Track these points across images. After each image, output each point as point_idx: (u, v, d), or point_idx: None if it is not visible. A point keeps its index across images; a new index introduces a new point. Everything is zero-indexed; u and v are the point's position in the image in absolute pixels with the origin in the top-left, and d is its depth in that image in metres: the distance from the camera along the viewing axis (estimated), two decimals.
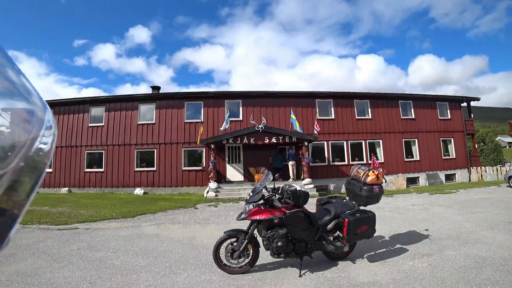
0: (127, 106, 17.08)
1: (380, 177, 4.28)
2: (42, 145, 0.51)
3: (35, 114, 0.51)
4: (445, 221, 6.80)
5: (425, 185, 17.84)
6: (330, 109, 18.09)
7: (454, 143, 19.71)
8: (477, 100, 20.82)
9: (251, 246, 3.86)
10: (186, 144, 16.61)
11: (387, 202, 10.24)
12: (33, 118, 0.51)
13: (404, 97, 19.47)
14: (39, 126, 0.51)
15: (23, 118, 0.50)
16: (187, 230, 6.66)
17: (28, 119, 0.50)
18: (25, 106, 0.50)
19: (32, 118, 0.51)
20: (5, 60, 0.48)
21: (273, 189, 4.08)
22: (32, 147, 0.49)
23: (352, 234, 3.88)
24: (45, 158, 0.52)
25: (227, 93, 17.68)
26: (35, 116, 0.51)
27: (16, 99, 0.49)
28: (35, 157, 0.50)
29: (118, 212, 8.97)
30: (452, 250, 4.63)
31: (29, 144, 0.48)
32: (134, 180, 16.19)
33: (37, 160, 0.50)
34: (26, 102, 0.50)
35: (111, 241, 5.70)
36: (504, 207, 8.50)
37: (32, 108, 0.51)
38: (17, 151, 0.46)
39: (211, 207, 10.32)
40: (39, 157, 0.51)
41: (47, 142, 0.53)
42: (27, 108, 0.50)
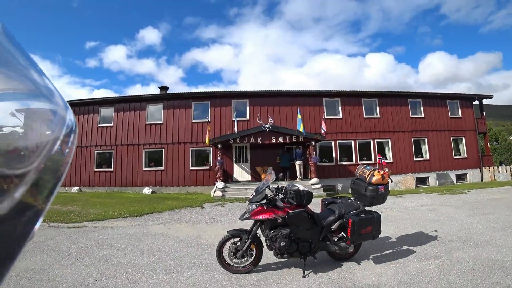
0: (135, 106, 17.30)
1: (386, 177, 4.21)
2: (64, 144, 0.54)
3: (57, 114, 0.53)
4: (455, 222, 6.66)
5: (435, 185, 17.51)
6: (338, 108, 17.94)
7: (466, 142, 19.28)
8: (490, 98, 20.32)
9: (254, 246, 3.85)
10: (194, 143, 16.73)
11: (395, 202, 10.09)
12: (55, 118, 0.53)
13: (413, 95, 19.14)
14: (61, 126, 0.53)
15: (46, 118, 0.52)
16: (193, 229, 6.70)
17: (51, 119, 0.52)
18: (48, 106, 0.52)
19: (55, 118, 0.53)
20: (28, 62, 0.50)
21: (276, 188, 4.07)
22: (55, 146, 0.51)
23: (356, 234, 3.83)
24: (67, 157, 0.55)
25: (234, 93, 17.71)
26: (57, 116, 0.53)
27: (39, 99, 0.51)
28: (57, 156, 0.52)
29: (126, 211, 9.10)
30: (461, 252, 4.53)
31: (51, 144, 0.50)
32: (143, 180, 16.40)
33: (59, 159, 0.53)
34: (49, 103, 0.52)
35: (118, 239, 5.79)
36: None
37: (55, 108, 0.53)
38: (41, 150, 0.48)
39: (218, 206, 10.36)
40: (61, 156, 0.53)
41: (68, 141, 0.55)
42: (49, 108, 0.52)
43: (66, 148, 0.55)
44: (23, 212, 0.44)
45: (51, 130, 0.52)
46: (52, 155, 0.50)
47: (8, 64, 0.45)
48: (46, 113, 0.52)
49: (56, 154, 0.51)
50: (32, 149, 0.48)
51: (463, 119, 19.59)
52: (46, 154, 0.49)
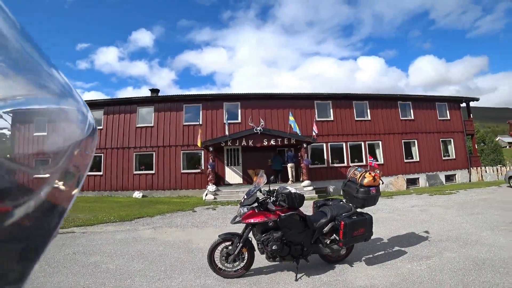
0: (125, 109, 17.06)
1: (377, 179, 4.23)
2: (86, 145, 0.56)
3: (79, 115, 0.55)
4: (445, 223, 6.73)
5: (425, 186, 17.76)
6: (329, 110, 18.06)
7: (454, 144, 19.65)
8: (477, 101, 20.79)
9: (246, 250, 3.80)
10: (185, 146, 16.58)
11: (386, 203, 10.17)
12: (78, 119, 0.54)
13: (403, 98, 19.45)
14: (83, 126, 0.55)
15: (69, 120, 0.54)
16: (184, 233, 6.60)
17: (73, 120, 0.54)
18: (70, 107, 0.53)
19: (77, 119, 0.54)
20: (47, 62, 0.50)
21: (267, 191, 4.03)
22: (77, 148, 0.53)
23: (348, 236, 3.83)
24: (88, 157, 0.57)
25: (226, 96, 17.68)
26: (79, 117, 0.55)
27: (61, 101, 0.52)
28: (79, 157, 0.54)
29: (116, 215, 8.91)
30: (451, 252, 4.57)
31: (74, 145, 0.53)
32: (133, 183, 16.15)
33: (81, 160, 0.55)
34: (70, 104, 0.53)
35: (107, 245, 5.65)
36: (504, 207, 8.42)
37: (76, 109, 0.54)
38: (64, 151, 0.50)
39: (210, 210, 10.26)
40: (82, 156, 0.55)
41: (90, 142, 0.57)
42: (72, 109, 0.53)
43: (88, 149, 0.57)
44: (48, 211, 0.46)
45: (74, 131, 0.54)
46: (75, 156, 0.52)
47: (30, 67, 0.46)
48: (68, 114, 0.53)
49: (79, 155, 0.53)
50: (56, 151, 0.50)
51: (452, 121, 19.98)
52: (69, 155, 0.51)
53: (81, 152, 0.55)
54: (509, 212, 7.65)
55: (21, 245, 0.42)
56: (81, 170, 0.55)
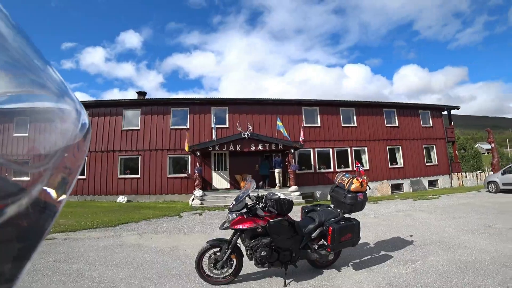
0: (111, 111, 16.69)
1: (364, 185, 4.30)
2: (79, 144, 0.55)
3: (73, 113, 0.54)
4: (428, 227, 6.90)
5: (409, 191, 18.18)
6: (316, 116, 18.28)
7: (436, 150, 20.27)
8: (457, 109, 21.59)
9: (235, 256, 3.77)
10: (172, 151, 16.36)
11: (372, 208, 10.33)
12: (71, 118, 0.54)
13: (388, 105, 19.95)
14: (76, 125, 0.55)
15: (62, 118, 0.53)
16: (171, 239, 6.48)
17: (67, 119, 0.53)
18: (64, 106, 0.53)
19: (70, 118, 0.54)
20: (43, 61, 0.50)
21: (256, 197, 4.02)
22: (70, 146, 0.53)
23: (336, 242, 3.86)
24: (81, 156, 0.57)
25: (214, 100, 17.61)
26: (73, 115, 0.54)
27: (56, 99, 0.51)
28: (72, 155, 0.54)
29: (99, 221, 8.66)
30: (435, 255, 4.68)
31: (67, 143, 0.52)
32: (118, 188, 15.75)
33: (74, 158, 0.54)
34: (65, 102, 0.53)
35: (91, 251, 5.47)
36: (484, 211, 8.73)
37: (70, 108, 0.54)
38: (57, 149, 0.50)
39: (196, 215, 10.13)
40: (76, 154, 0.55)
41: (83, 141, 0.57)
42: (65, 108, 0.53)
43: (81, 148, 0.56)
44: (40, 209, 0.46)
45: (67, 130, 0.53)
46: (68, 154, 0.52)
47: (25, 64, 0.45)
48: (62, 113, 0.53)
49: (72, 154, 0.53)
50: (49, 148, 0.50)
51: (434, 128, 20.64)
52: (62, 154, 0.50)
53: (74, 151, 0.54)
54: (488, 216, 7.93)
55: (12, 244, 0.41)
56: (73, 169, 0.54)
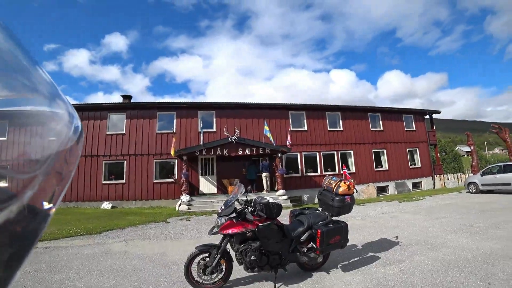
0: (95, 115, 16.29)
1: (352, 188, 4.36)
2: (71, 149, 0.54)
3: (65, 118, 0.53)
4: (414, 227, 7.06)
5: (394, 193, 18.58)
6: (303, 121, 18.47)
7: (419, 153, 20.89)
8: (438, 113, 22.33)
9: (224, 261, 3.73)
10: (158, 155, 16.11)
11: (358, 211, 10.49)
12: (63, 122, 0.53)
13: (373, 110, 20.42)
14: (68, 129, 0.54)
15: (54, 122, 0.52)
16: (158, 246, 6.36)
17: (59, 123, 0.52)
18: (56, 110, 0.52)
19: (62, 122, 0.53)
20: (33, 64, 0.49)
21: (245, 201, 4.01)
22: (62, 151, 0.52)
23: (325, 244, 3.88)
24: (74, 161, 0.56)
25: (201, 104, 17.51)
26: (65, 120, 0.53)
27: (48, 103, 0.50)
28: (64, 160, 0.52)
29: (83, 228, 8.39)
30: (420, 255, 4.79)
31: (59, 148, 0.51)
32: (102, 194, 15.33)
33: (66, 163, 0.53)
34: (57, 106, 0.52)
35: (74, 260, 5.29)
36: (465, 211, 9.02)
37: (62, 112, 0.53)
38: (48, 154, 0.49)
39: (184, 220, 9.99)
40: (68, 159, 0.54)
41: (75, 145, 0.56)
42: (57, 112, 0.52)
43: (74, 152, 0.55)
44: (31, 215, 0.45)
45: (59, 134, 0.52)
46: (60, 159, 0.51)
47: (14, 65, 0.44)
48: (54, 117, 0.52)
49: (63, 159, 0.52)
50: (40, 153, 0.48)
51: (417, 132, 21.28)
52: (54, 158, 0.49)
53: (66, 156, 0.53)
54: (469, 215, 8.21)
55: (3, 251, 0.41)
56: (66, 174, 0.53)
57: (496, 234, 5.85)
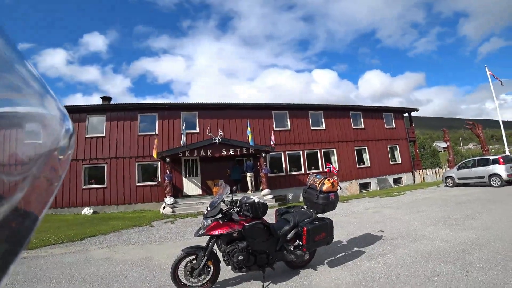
0: (73, 117, 15.69)
1: (335, 185, 4.44)
2: (62, 150, 0.53)
3: (56, 119, 0.52)
4: (396, 222, 7.28)
5: (376, 189, 19.08)
6: (286, 120, 18.61)
7: (400, 150, 21.56)
8: (417, 111, 23.17)
9: (211, 263, 3.70)
10: (140, 158, 15.76)
11: (342, 207, 10.68)
12: (54, 123, 0.52)
13: (354, 108, 20.87)
14: (59, 131, 0.53)
15: (45, 123, 0.51)
16: (143, 250, 6.22)
17: (50, 124, 0.51)
18: (47, 111, 0.50)
19: (53, 123, 0.52)
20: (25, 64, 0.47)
21: (231, 202, 4.00)
22: (53, 152, 0.51)
23: (311, 241, 3.93)
24: (65, 163, 0.55)
25: (183, 105, 17.27)
26: (56, 121, 0.52)
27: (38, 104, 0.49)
28: (55, 162, 0.51)
29: (63, 235, 8.07)
30: (403, 248, 4.94)
31: (50, 149, 0.50)
32: (82, 199, 14.82)
33: (57, 164, 0.52)
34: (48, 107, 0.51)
35: (54, 269, 5.08)
36: (443, 204, 9.40)
37: (53, 113, 0.52)
38: (39, 155, 0.48)
39: (168, 223, 9.83)
40: (59, 161, 0.53)
41: (67, 147, 0.55)
42: (48, 113, 0.51)
43: (64, 154, 0.54)
44: (20, 219, 0.44)
45: (50, 136, 0.51)
46: (50, 161, 0.50)
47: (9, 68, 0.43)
48: (45, 118, 0.50)
49: (54, 160, 0.51)
50: (30, 155, 0.47)
51: (397, 129, 21.96)
52: (44, 160, 0.48)
53: (57, 158, 0.52)
54: (447, 208, 8.56)
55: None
56: (56, 176, 0.52)
57: (472, 225, 6.13)
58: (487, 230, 5.57)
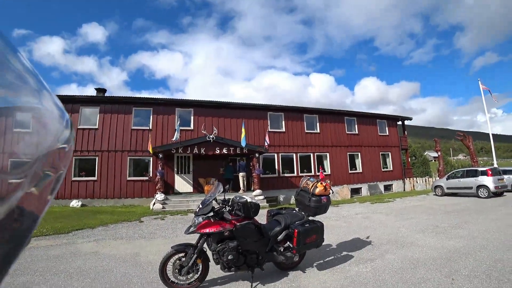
0: (66, 107, 14.64)
1: (328, 188, 4.46)
2: (62, 148, 0.52)
3: (55, 118, 0.51)
4: (385, 228, 7.34)
5: (367, 195, 19.24)
6: (281, 122, 18.65)
7: (392, 157, 21.81)
8: (410, 120, 23.45)
9: (201, 261, 3.67)
10: (132, 152, 15.59)
11: (333, 211, 10.75)
12: (53, 122, 0.51)
13: (349, 114, 21.02)
14: (58, 129, 0.52)
15: (44, 122, 0.50)
16: (131, 245, 6.15)
17: (49, 123, 0.50)
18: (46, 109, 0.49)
19: (53, 122, 0.51)
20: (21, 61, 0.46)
21: (223, 201, 3.98)
22: (53, 151, 0.49)
23: (302, 244, 3.94)
24: (65, 159, 0.54)
25: (179, 101, 17.15)
26: (55, 119, 0.51)
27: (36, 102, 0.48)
28: (55, 161, 0.50)
29: (50, 227, 7.93)
30: (391, 254, 4.99)
31: (49, 148, 0.49)
32: (71, 191, 14.58)
33: (57, 162, 0.51)
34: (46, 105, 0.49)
35: (39, 262, 4.98)
36: (432, 212, 9.53)
37: (52, 111, 0.51)
38: (38, 154, 0.46)
39: (158, 220, 9.75)
40: (59, 158, 0.51)
41: (67, 145, 0.54)
42: (47, 110, 0.50)
43: (65, 152, 0.53)
44: (20, 218, 0.43)
45: (49, 134, 0.50)
46: (50, 159, 0.49)
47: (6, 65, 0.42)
48: (44, 117, 0.50)
49: (54, 159, 0.50)
50: (29, 154, 0.46)
51: (390, 137, 22.21)
52: (44, 159, 0.47)
53: (58, 154, 0.51)
54: (436, 216, 8.68)
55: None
56: (58, 171, 0.51)
57: (459, 234, 6.23)
58: (473, 240, 5.67)
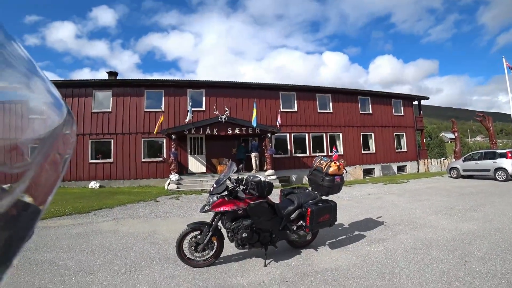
0: (80, 92, 15.71)
1: (341, 168, 4.44)
2: (64, 140, 0.52)
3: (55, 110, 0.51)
4: (398, 209, 7.33)
5: (380, 175, 19.10)
6: (293, 102, 18.43)
7: (406, 138, 21.36)
8: (426, 99, 22.69)
9: (216, 239, 3.79)
10: (146, 134, 15.86)
11: (345, 191, 10.75)
12: (53, 111, 0.50)
13: (363, 93, 20.51)
14: (59, 121, 0.51)
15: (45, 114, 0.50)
16: (148, 224, 6.39)
17: (49, 112, 0.50)
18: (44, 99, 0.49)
19: (52, 111, 0.50)
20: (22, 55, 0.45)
21: (237, 180, 4.04)
22: (54, 143, 0.49)
23: (314, 223, 3.99)
24: (68, 149, 0.53)
25: (190, 82, 17.13)
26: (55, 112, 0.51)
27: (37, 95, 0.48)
28: (57, 150, 0.50)
29: (71, 207, 8.31)
30: (403, 234, 5.00)
31: (51, 140, 0.48)
32: (89, 173, 15.13)
33: (58, 156, 0.51)
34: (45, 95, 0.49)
35: (63, 239, 5.25)
36: (446, 194, 9.40)
37: (51, 100, 0.50)
38: (40, 147, 0.46)
39: (173, 199, 10.03)
40: (61, 149, 0.51)
41: (68, 137, 0.53)
42: (46, 101, 0.49)
43: (66, 144, 0.53)
44: (22, 211, 0.43)
45: (50, 123, 0.49)
46: (52, 152, 0.48)
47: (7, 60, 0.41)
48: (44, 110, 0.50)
49: (56, 151, 0.50)
50: (31, 146, 0.45)
51: (405, 117, 21.65)
52: (46, 151, 0.47)
53: (59, 144, 0.51)
54: (450, 198, 8.56)
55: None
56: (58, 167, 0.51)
57: (474, 216, 6.14)
58: (488, 223, 5.59)
